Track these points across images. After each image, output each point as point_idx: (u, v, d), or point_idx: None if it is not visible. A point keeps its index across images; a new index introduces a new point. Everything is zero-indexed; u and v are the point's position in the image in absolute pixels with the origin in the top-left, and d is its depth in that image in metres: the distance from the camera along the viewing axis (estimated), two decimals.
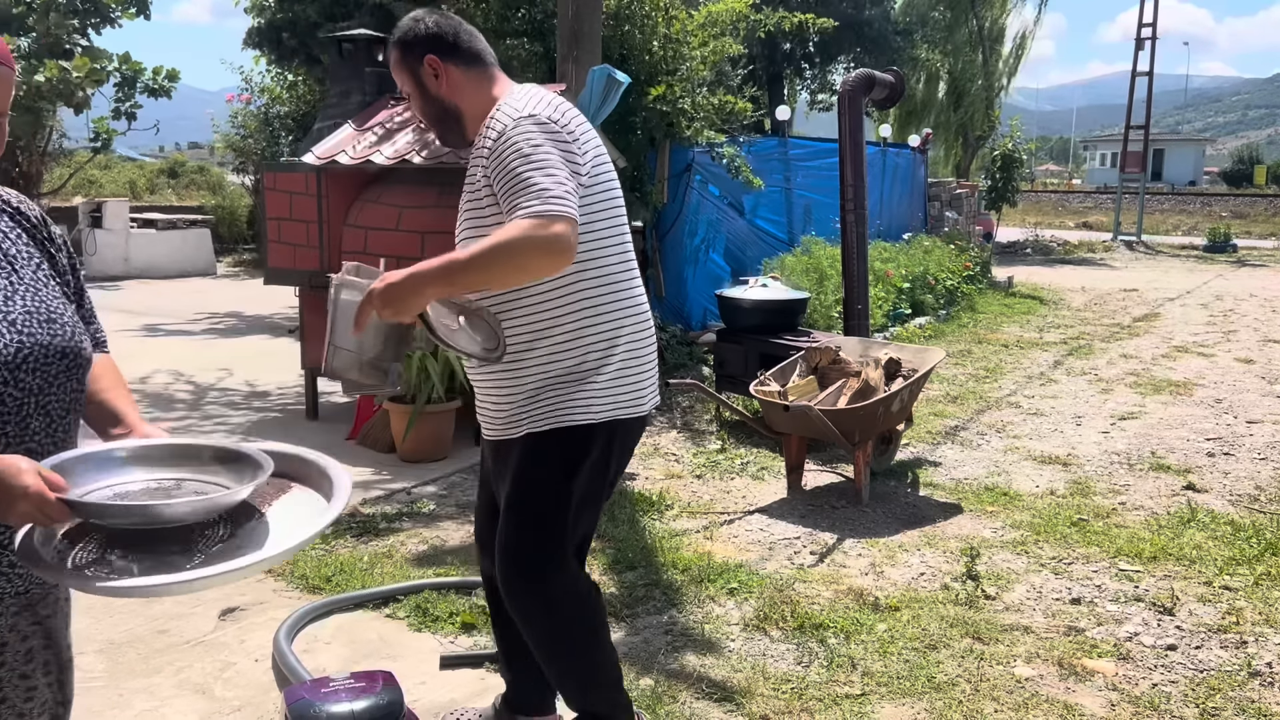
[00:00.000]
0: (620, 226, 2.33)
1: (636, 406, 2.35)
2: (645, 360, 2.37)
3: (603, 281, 2.26)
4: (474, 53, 2.27)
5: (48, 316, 1.51)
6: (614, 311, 2.28)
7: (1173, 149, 51.69)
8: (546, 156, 2.04)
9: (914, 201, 15.44)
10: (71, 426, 1.60)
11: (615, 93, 5.72)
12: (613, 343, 2.27)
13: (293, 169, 6.25)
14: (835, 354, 5.38)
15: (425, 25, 2.26)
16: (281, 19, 12.07)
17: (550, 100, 2.20)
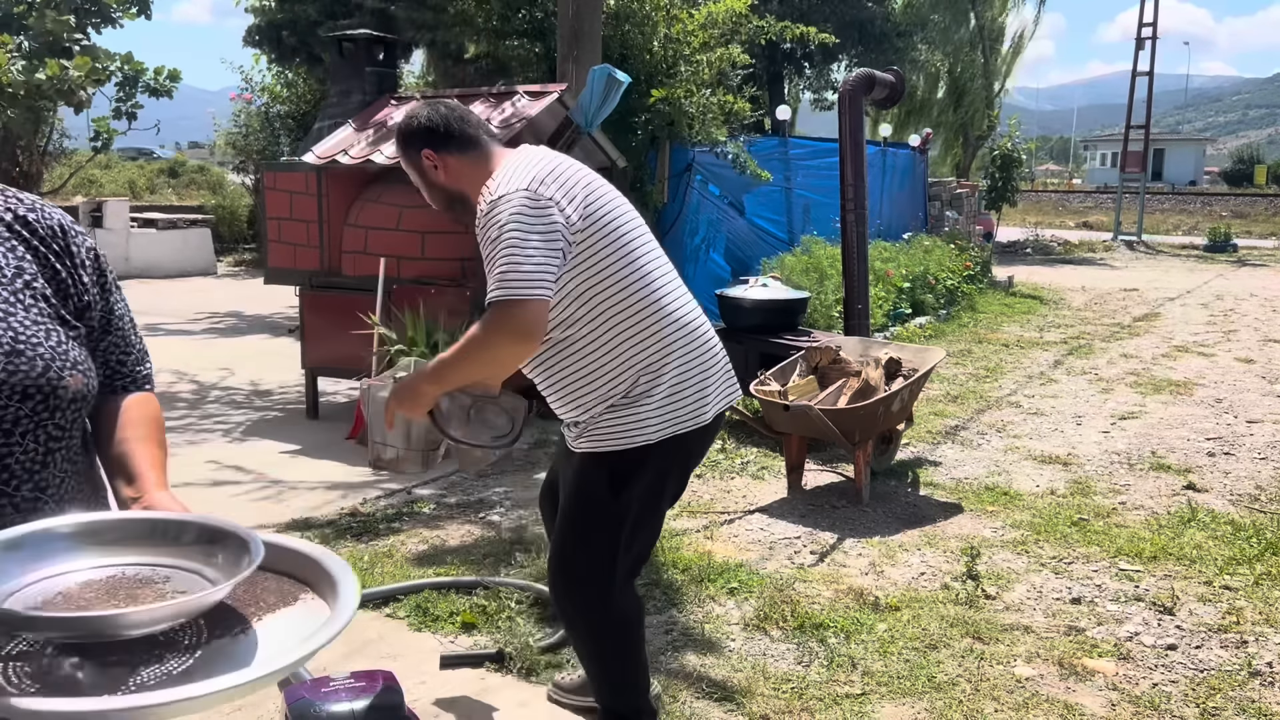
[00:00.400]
0: (641, 250, 2.34)
1: (697, 419, 2.36)
2: (703, 370, 2.37)
3: (634, 309, 2.28)
4: (467, 137, 2.35)
5: (11, 348, 1.28)
6: (655, 335, 2.30)
7: (1173, 149, 51.70)
8: (513, 235, 2.11)
9: (914, 201, 15.44)
10: (52, 480, 1.35)
11: (615, 92, 5.72)
12: (661, 364, 2.30)
13: (293, 168, 6.26)
14: (835, 354, 5.38)
15: (418, 121, 2.38)
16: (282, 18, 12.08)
17: (528, 166, 2.24)
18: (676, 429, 2.32)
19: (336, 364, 6.05)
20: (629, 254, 2.30)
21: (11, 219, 1.40)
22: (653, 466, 2.34)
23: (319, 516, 4.46)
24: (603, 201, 2.31)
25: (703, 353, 2.38)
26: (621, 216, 2.34)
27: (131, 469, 1.40)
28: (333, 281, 6.05)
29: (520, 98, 6.07)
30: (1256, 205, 34.51)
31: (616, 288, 2.27)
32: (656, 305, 2.31)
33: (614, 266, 2.27)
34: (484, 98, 6.26)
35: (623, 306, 2.27)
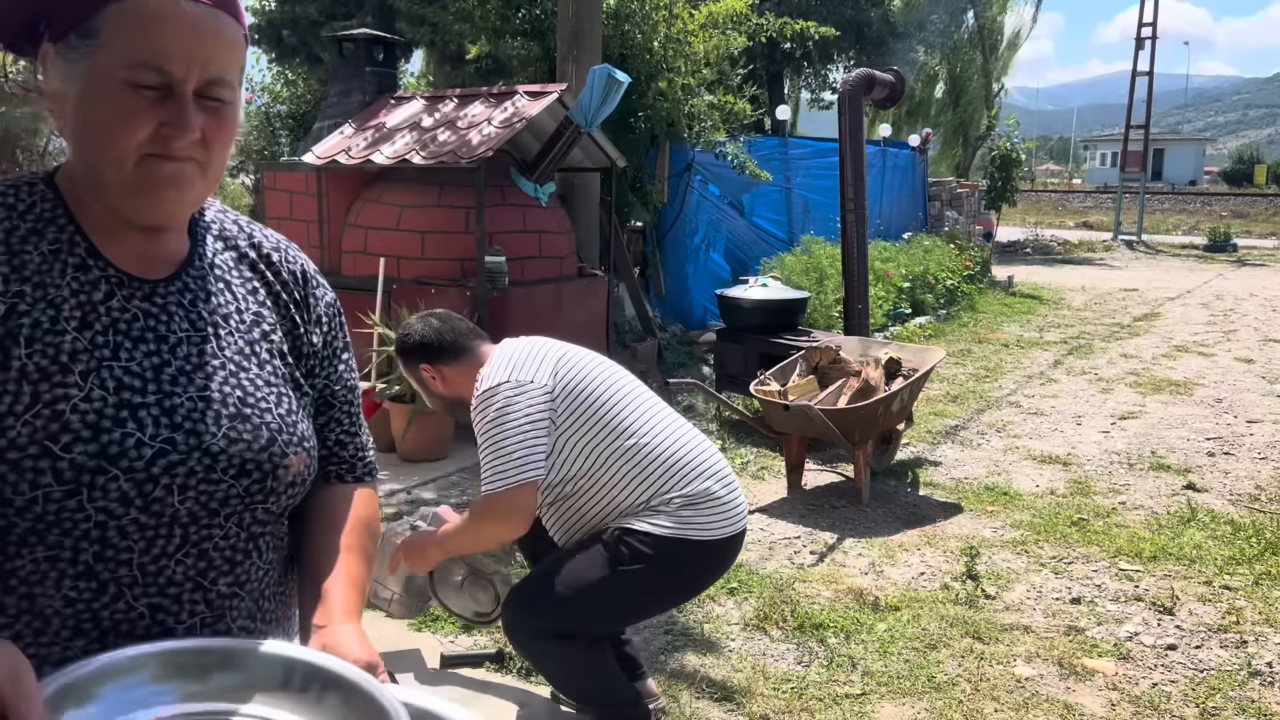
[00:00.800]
0: (624, 403, 2.49)
1: (706, 530, 2.43)
2: (710, 499, 2.46)
3: (623, 457, 2.43)
4: (460, 348, 2.57)
5: (236, 410, 1.06)
6: (648, 480, 2.43)
7: (1173, 148, 51.71)
8: (497, 429, 2.35)
9: (914, 201, 15.44)
10: (254, 575, 1.10)
11: (615, 93, 5.72)
12: (662, 499, 2.43)
13: (293, 168, 6.26)
14: (835, 353, 5.38)
15: (414, 337, 2.59)
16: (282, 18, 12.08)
17: (509, 357, 2.46)
18: (687, 534, 2.41)
19: None
20: (610, 408, 2.46)
21: (255, 256, 1.17)
22: (656, 558, 2.39)
23: None
24: (578, 367, 2.49)
25: (709, 481, 2.48)
26: (599, 377, 2.50)
27: (324, 585, 1.14)
28: (333, 281, 5.99)
29: (520, 97, 6.06)
30: (1256, 205, 34.51)
31: (603, 439, 2.42)
32: (648, 449, 2.45)
33: (597, 421, 2.43)
34: (484, 98, 6.26)
35: (612, 455, 2.42)
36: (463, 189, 5.76)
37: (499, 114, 5.94)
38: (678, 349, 8.00)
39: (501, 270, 5.67)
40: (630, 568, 2.37)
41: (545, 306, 6.08)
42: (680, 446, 2.47)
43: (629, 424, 2.45)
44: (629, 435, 2.43)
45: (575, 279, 6.47)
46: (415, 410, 5.25)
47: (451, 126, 5.98)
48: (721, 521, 2.44)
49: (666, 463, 2.43)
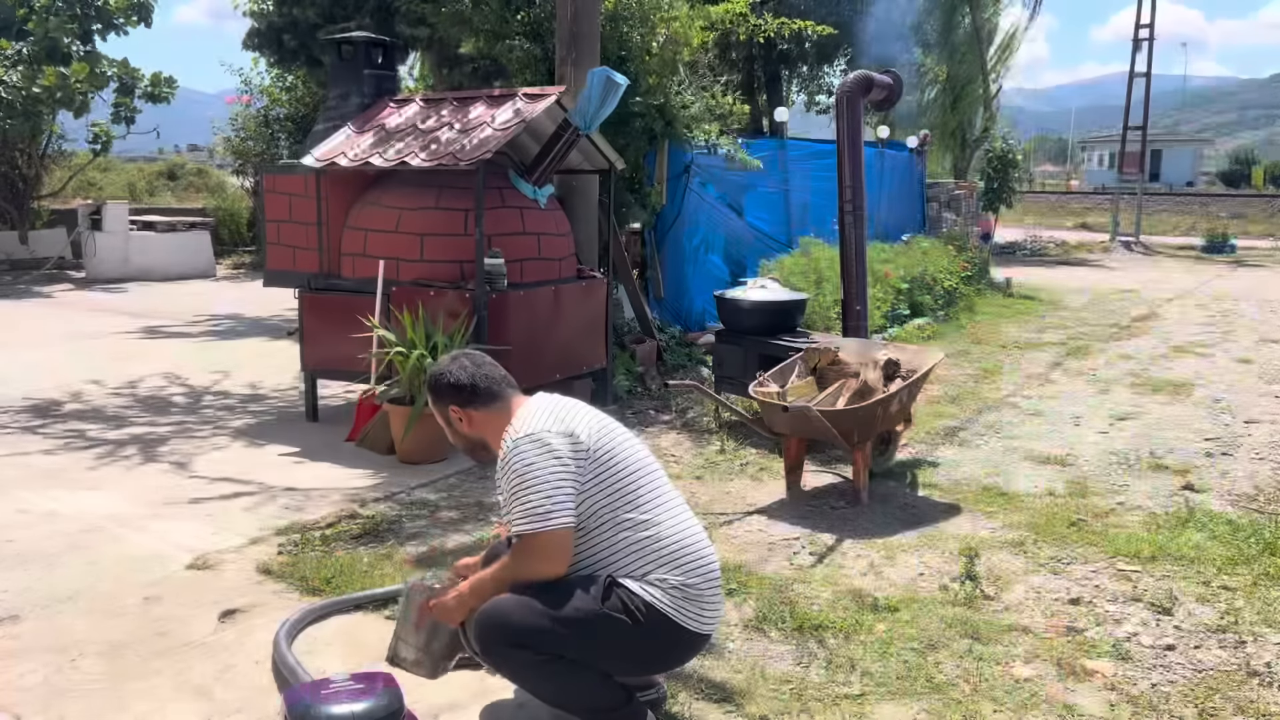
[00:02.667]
0: (647, 484, 2.58)
1: (689, 620, 2.52)
2: (699, 596, 2.54)
3: (635, 528, 2.52)
4: (491, 394, 2.67)
5: None
6: (649, 554, 2.51)
7: (1170, 149, 51.74)
8: (533, 476, 2.44)
9: (912, 202, 15.45)
10: None
11: (614, 94, 5.73)
12: (658, 577, 2.51)
13: (292, 171, 6.26)
14: (834, 355, 5.39)
15: (448, 379, 2.68)
16: (281, 21, 12.08)
17: (541, 411, 2.56)
18: (674, 616, 2.49)
19: (336, 366, 6.05)
20: (630, 479, 2.55)
21: None
22: (642, 621, 2.45)
23: (318, 519, 4.47)
24: (609, 433, 2.59)
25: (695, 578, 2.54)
26: (626, 448, 2.60)
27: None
28: (332, 284, 6.05)
29: (519, 100, 6.07)
30: (1254, 206, 34.56)
31: (615, 504, 2.51)
32: (652, 529, 2.53)
33: (615, 487, 2.52)
34: (482, 100, 6.27)
35: (620, 523, 2.51)
36: (461, 191, 5.76)
37: (498, 116, 5.94)
38: (677, 350, 8.01)
39: (500, 272, 5.68)
40: (615, 615, 2.45)
41: (544, 308, 6.09)
42: (685, 537, 2.56)
43: (644, 499, 2.55)
44: (641, 509, 2.53)
45: (574, 281, 6.47)
46: (415, 413, 5.25)
47: (450, 129, 5.98)
48: (702, 618, 2.55)
49: (669, 547, 2.52)
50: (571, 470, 2.47)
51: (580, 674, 2.49)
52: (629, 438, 2.66)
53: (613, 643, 2.46)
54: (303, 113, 14.69)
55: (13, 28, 13.69)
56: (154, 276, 14.34)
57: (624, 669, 2.57)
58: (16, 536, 4.23)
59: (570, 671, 2.48)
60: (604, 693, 2.54)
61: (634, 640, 2.47)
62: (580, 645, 2.44)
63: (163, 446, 5.70)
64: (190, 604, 3.58)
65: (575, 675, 2.49)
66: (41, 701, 2.92)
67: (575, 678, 2.49)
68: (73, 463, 5.36)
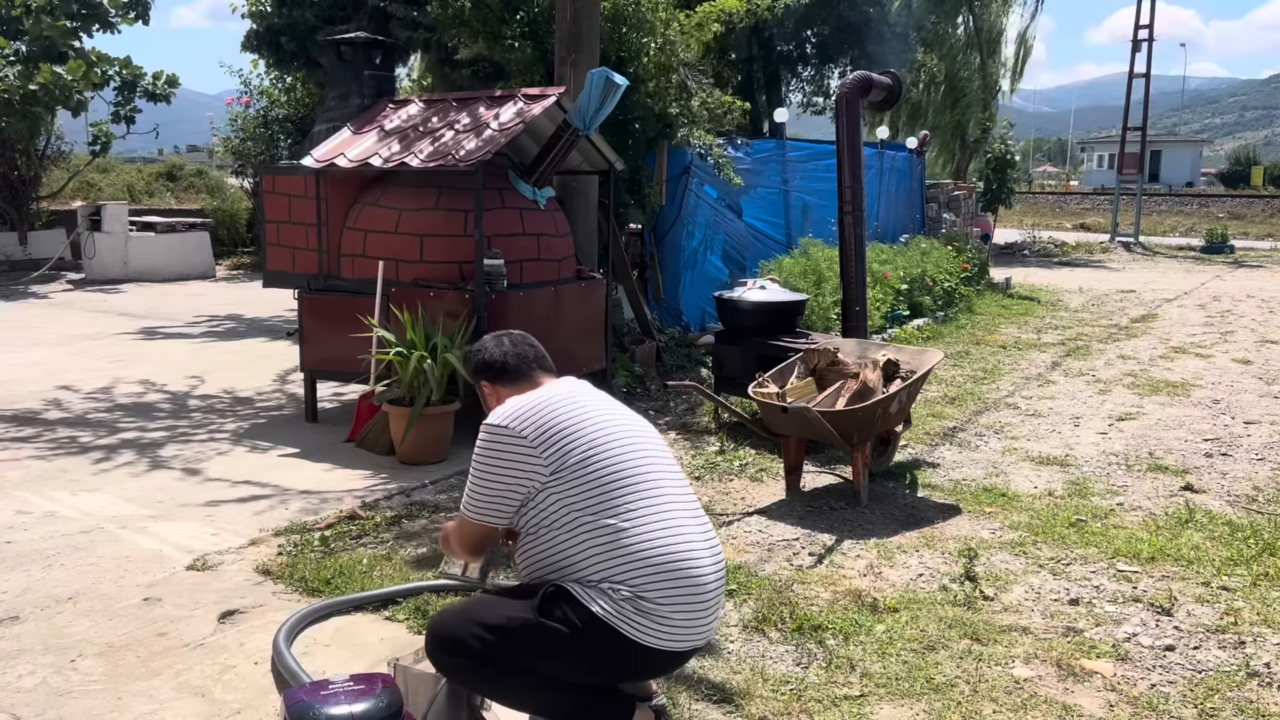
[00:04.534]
0: (630, 488, 2.46)
1: (637, 632, 2.38)
2: (655, 611, 2.39)
3: (599, 533, 2.41)
4: (519, 373, 2.70)
5: None
6: (609, 562, 2.40)
7: (1170, 150, 51.77)
8: (478, 466, 2.50)
9: (911, 203, 15.47)
10: None
11: (614, 95, 5.73)
12: (612, 586, 2.40)
13: (291, 172, 6.26)
14: (833, 355, 5.39)
15: (483, 355, 2.75)
16: (280, 23, 12.09)
17: (527, 404, 2.52)
18: (618, 625, 2.37)
19: (335, 366, 6.05)
20: (608, 483, 2.45)
21: None
22: (581, 631, 2.37)
23: (318, 520, 4.47)
24: (586, 441, 2.48)
25: (668, 591, 2.40)
26: (614, 450, 2.49)
27: None
28: (331, 284, 6.05)
29: (518, 101, 6.08)
30: (1253, 206, 34.55)
31: (585, 507, 2.43)
32: (619, 536, 2.41)
33: (588, 490, 2.43)
34: (482, 101, 6.27)
35: (584, 526, 2.42)
36: (461, 192, 5.76)
37: (498, 117, 5.95)
38: (676, 351, 8.01)
39: (500, 273, 5.68)
40: (551, 624, 2.38)
41: (543, 309, 6.09)
42: (658, 548, 2.40)
43: (621, 503, 2.43)
44: (611, 514, 2.41)
45: (574, 281, 6.47)
46: (414, 413, 5.25)
47: (450, 129, 5.99)
48: (659, 633, 2.39)
49: (634, 557, 2.39)
50: (514, 475, 2.44)
51: (516, 679, 2.45)
52: (620, 435, 2.54)
53: (551, 652, 2.40)
54: (302, 114, 14.69)
55: (9, 26, 13.69)
56: (153, 277, 14.33)
57: (572, 676, 2.47)
58: (16, 538, 4.23)
59: (504, 677, 2.45)
60: (550, 699, 2.49)
61: (574, 650, 2.39)
62: (516, 653, 2.41)
63: (162, 448, 5.69)
64: (190, 605, 3.58)
65: (510, 681, 2.46)
66: (41, 702, 2.92)
67: (511, 683, 2.46)
68: (72, 464, 5.36)
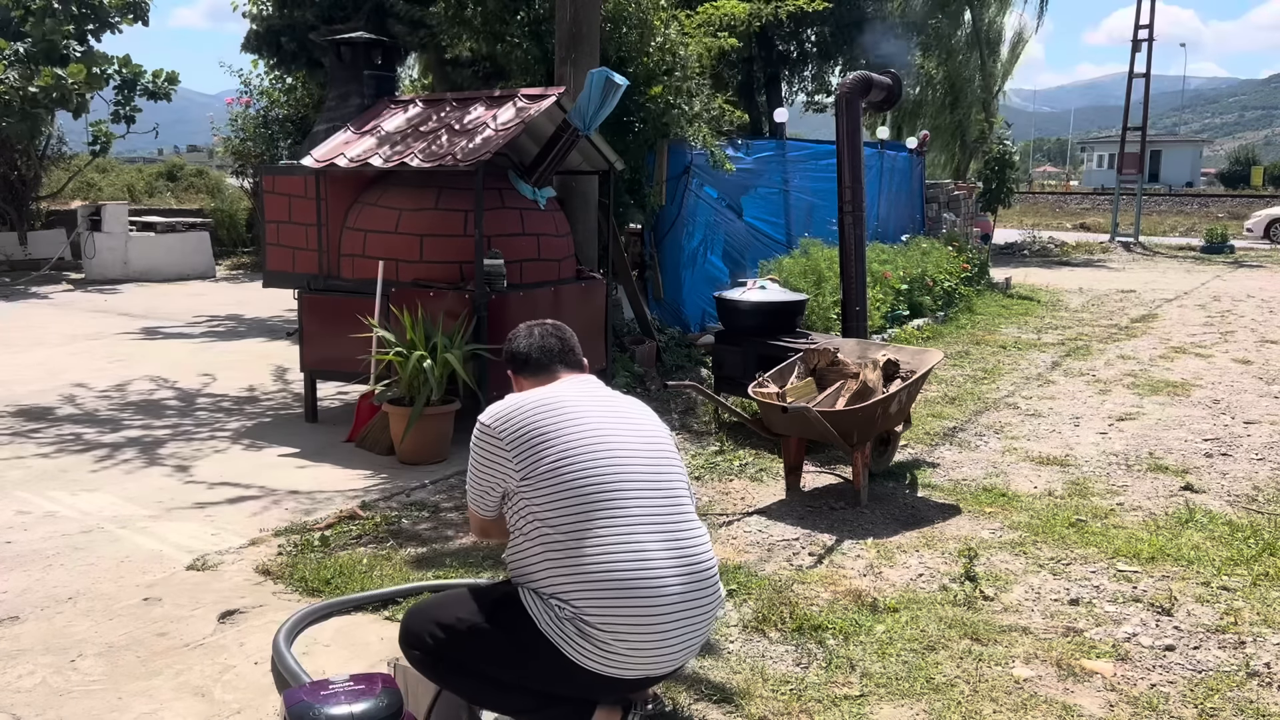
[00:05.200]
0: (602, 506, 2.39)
1: (573, 651, 2.34)
2: (596, 638, 2.33)
3: (556, 548, 2.39)
4: (540, 365, 2.75)
5: None
6: (561, 579, 2.37)
7: (1170, 150, 51.76)
8: (473, 461, 2.57)
9: (911, 203, 15.46)
10: None
11: (614, 95, 5.72)
12: (560, 601, 2.37)
13: (291, 172, 6.26)
14: (833, 355, 5.39)
15: (510, 345, 2.80)
16: (280, 23, 12.08)
17: (517, 402, 2.55)
18: (555, 640, 2.35)
19: (335, 366, 6.05)
20: (577, 498, 2.40)
21: None
22: (521, 638, 2.38)
23: (318, 520, 4.47)
24: (565, 450, 2.44)
25: (604, 619, 2.33)
26: (583, 468, 2.43)
27: None
28: (331, 284, 6.05)
29: (518, 100, 6.07)
30: (1253, 206, 34.49)
31: (547, 518, 2.41)
32: (575, 556, 2.36)
33: (554, 501, 2.41)
34: (482, 101, 6.27)
35: (542, 537, 2.41)
36: (461, 192, 5.76)
37: (498, 117, 5.95)
38: (676, 351, 8.00)
39: (500, 273, 5.68)
40: (494, 629, 2.42)
41: (543, 309, 6.08)
42: (612, 572, 2.32)
43: (579, 520, 2.36)
44: (569, 529, 2.36)
45: (574, 281, 6.47)
46: (414, 413, 5.25)
47: (450, 129, 5.98)
48: (598, 658, 2.33)
49: (584, 577, 2.32)
50: (491, 472, 2.51)
51: (468, 677, 2.48)
52: (612, 443, 2.48)
53: (494, 657, 2.41)
54: (302, 114, 14.69)
55: (10, 28, 13.69)
56: (153, 277, 14.33)
57: (520, 683, 2.45)
58: (16, 538, 4.23)
59: (455, 673, 2.49)
60: (502, 698, 2.48)
61: (515, 659, 2.40)
62: (463, 653, 2.45)
63: (162, 448, 5.69)
64: (190, 605, 3.58)
65: (464, 679, 2.49)
66: (41, 702, 2.92)
67: (464, 681, 2.50)
68: (72, 464, 5.36)
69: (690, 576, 2.40)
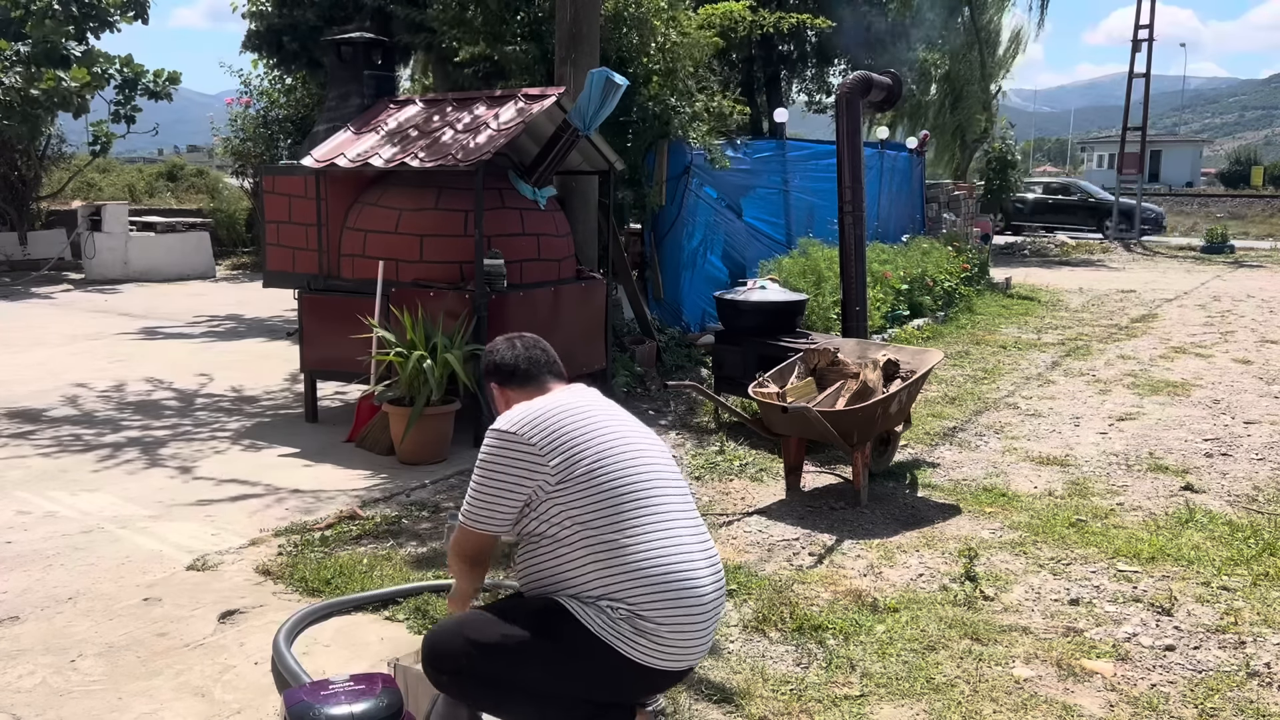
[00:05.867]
0: (638, 503, 2.43)
1: (633, 650, 2.35)
2: (653, 632, 2.36)
3: (602, 548, 2.38)
4: (529, 376, 2.69)
5: None
6: (610, 578, 2.37)
7: (1170, 150, 51.73)
8: (482, 472, 2.46)
9: (911, 203, 15.46)
10: None
11: (614, 95, 5.72)
12: (610, 603, 2.37)
13: (291, 172, 6.26)
14: (834, 355, 5.39)
15: (494, 357, 2.73)
16: (281, 23, 12.09)
17: (537, 410, 2.49)
18: (613, 642, 2.34)
19: (335, 367, 6.05)
20: (615, 497, 2.42)
21: None
22: (573, 646, 2.35)
23: (318, 520, 4.47)
24: (594, 453, 2.45)
25: (658, 612, 2.37)
26: (623, 462, 2.47)
27: None
28: (331, 284, 6.05)
29: (518, 101, 6.08)
30: (1253, 206, 34.53)
31: (589, 519, 2.39)
32: (622, 552, 2.38)
33: (594, 503, 2.40)
34: (482, 101, 6.27)
35: (588, 539, 2.39)
36: (461, 192, 5.76)
37: (498, 117, 5.95)
38: (676, 351, 8.00)
39: (500, 273, 5.68)
40: (544, 640, 2.37)
41: (543, 309, 6.09)
42: (659, 564, 2.37)
43: (622, 519, 2.39)
44: (614, 529, 2.38)
45: (574, 281, 6.47)
46: (414, 413, 5.25)
47: (450, 129, 5.99)
48: (656, 653, 2.36)
49: (634, 575, 2.36)
50: (518, 482, 2.41)
51: (515, 697, 2.43)
52: (629, 448, 2.51)
53: (547, 671, 2.38)
54: (302, 114, 14.69)
55: (10, 29, 13.69)
56: (153, 277, 14.33)
57: (573, 694, 2.43)
58: (16, 538, 4.23)
59: (501, 694, 2.43)
60: (552, 714, 2.46)
61: (570, 669, 2.37)
62: (511, 670, 2.38)
63: (162, 448, 5.69)
64: (190, 605, 3.58)
65: (509, 698, 2.44)
66: (41, 702, 2.92)
67: (510, 700, 2.44)
68: (72, 464, 5.36)
69: (715, 570, 2.51)
